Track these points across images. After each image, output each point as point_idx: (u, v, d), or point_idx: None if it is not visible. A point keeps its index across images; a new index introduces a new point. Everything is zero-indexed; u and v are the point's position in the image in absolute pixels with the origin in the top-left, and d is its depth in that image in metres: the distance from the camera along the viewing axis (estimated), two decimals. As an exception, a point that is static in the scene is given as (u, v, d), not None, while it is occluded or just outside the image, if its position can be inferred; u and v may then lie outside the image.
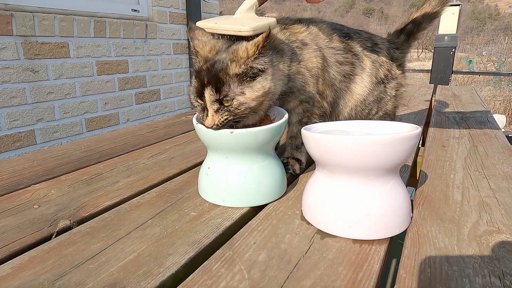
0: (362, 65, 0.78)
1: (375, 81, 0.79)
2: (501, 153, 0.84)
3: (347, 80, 0.77)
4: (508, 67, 9.11)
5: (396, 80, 0.84)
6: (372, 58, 0.80)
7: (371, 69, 0.79)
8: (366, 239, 0.48)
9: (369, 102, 0.80)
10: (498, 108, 5.77)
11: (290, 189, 0.65)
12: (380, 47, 0.82)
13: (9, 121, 1.68)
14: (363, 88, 0.78)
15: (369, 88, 0.78)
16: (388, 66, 0.82)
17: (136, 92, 2.36)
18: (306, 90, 0.69)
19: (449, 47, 3.16)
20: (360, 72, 0.78)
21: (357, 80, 0.78)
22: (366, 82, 0.78)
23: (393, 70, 0.83)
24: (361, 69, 0.78)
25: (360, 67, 0.78)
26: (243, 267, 0.43)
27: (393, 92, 0.84)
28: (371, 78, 0.79)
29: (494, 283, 0.39)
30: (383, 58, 0.82)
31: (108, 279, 0.41)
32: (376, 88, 0.80)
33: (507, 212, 0.55)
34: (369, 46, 0.80)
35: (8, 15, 1.62)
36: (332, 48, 0.74)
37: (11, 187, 0.68)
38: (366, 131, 0.58)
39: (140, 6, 2.39)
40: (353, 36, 0.79)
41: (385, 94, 0.82)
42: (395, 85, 0.84)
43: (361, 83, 0.78)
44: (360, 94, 0.78)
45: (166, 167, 0.78)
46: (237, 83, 0.56)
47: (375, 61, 0.80)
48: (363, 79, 0.78)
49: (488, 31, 22.24)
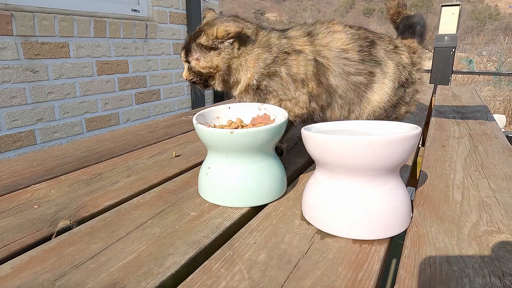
0: (385, 69, 0.77)
1: (397, 85, 0.78)
2: (501, 153, 0.84)
3: (360, 89, 0.77)
4: (508, 67, 9.10)
5: (414, 85, 0.83)
6: (396, 61, 0.79)
7: (395, 73, 0.78)
8: (366, 239, 0.48)
9: (387, 108, 0.79)
10: (498, 108, 5.77)
11: (290, 189, 0.65)
12: (401, 50, 0.81)
13: (9, 121, 1.68)
14: (382, 95, 0.77)
15: (390, 95, 0.78)
16: (410, 69, 0.81)
17: (136, 92, 2.36)
18: (285, 92, 0.73)
19: (449, 47, 3.16)
20: (381, 79, 0.77)
21: (376, 88, 0.77)
22: (387, 88, 0.77)
23: (413, 73, 0.82)
24: (383, 75, 0.77)
25: (382, 72, 0.77)
26: (243, 267, 0.43)
27: (408, 98, 0.83)
28: (394, 83, 0.78)
29: (494, 283, 0.39)
30: (406, 59, 0.80)
31: (108, 279, 0.41)
32: (397, 93, 0.79)
33: (507, 212, 0.55)
34: (391, 48, 0.80)
35: (8, 15, 1.62)
36: (345, 59, 0.75)
37: (11, 187, 0.68)
38: (366, 131, 0.58)
39: (140, 6, 2.39)
40: (377, 42, 0.79)
41: (403, 99, 0.81)
42: (412, 91, 0.83)
43: (381, 90, 0.77)
44: (378, 101, 0.78)
45: (166, 167, 0.78)
46: (198, 51, 0.72)
47: (398, 64, 0.79)
48: (384, 85, 0.77)
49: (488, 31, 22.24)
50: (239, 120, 0.68)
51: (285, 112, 0.63)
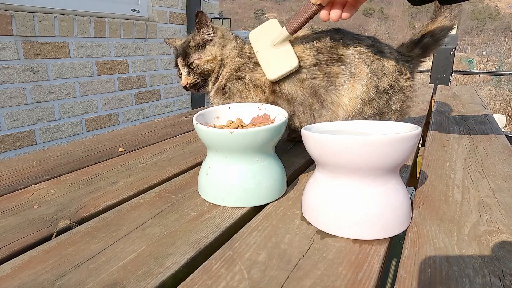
0: (355, 72, 0.75)
1: (375, 91, 0.75)
2: (501, 153, 0.84)
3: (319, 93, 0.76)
4: (508, 67, 9.11)
5: (403, 92, 0.80)
6: (373, 67, 0.75)
7: (370, 78, 0.75)
8: (366, 239, 0.48)
9: (368, 114, 0.77)
10: (498, 108, 5.77)
11: (290, 189, 0.65)
12: (386, 56, 0.78)
13: (9, 121, 1.68)
14: (353, 99, 0.75)
15: (363, 99, 0.75)
16: (395, 76, 0.78)
17: (136, 92, 2.36)
18: (247, 96, 0.79)
19: (449, 47, 3.16)
20: (349, 81, 0.75)
21: (344, 90, 0.75)
22: (359, 92, 0.75)
23: (400, 81, 0.79)
24: (351, 77, 0.75)
25: (349, 74, 0.75)
26: (243, 267, 0.43)
27: (399, 106, 0.80)
28: (368, 87, 0.75)
29: (494, 283, 0.39)
30: (390, 67, 0.77)
31: (108, 279, 0.41)
32: (377, 100, 0.76)
33: (507, 212, 0.55)
34: (371, 51, 0.77)
35: (8, 15, 1.62)
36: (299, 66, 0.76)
37: (11, 187, 0.68)
38: (366, 131, 0.58)
39: (140, 6, 2.39)
40: (346, 41, 0.76)
41: (389, 107, 0.79)
42: (401, 98, 0.80)
43: (350, 94, 0.75)
44: (351, 104, 0.75)
45: (166, 167, 0.78)
46: (196, 52, 0.80)
47: (377, 70, 0.76)
48: (354, 88, 0.75)
49: (488, 31, 22.23)
50: (239, 120, 0.68)
51: (285, 112, 0.63)
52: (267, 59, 0.76)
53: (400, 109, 0.81)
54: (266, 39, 0.76)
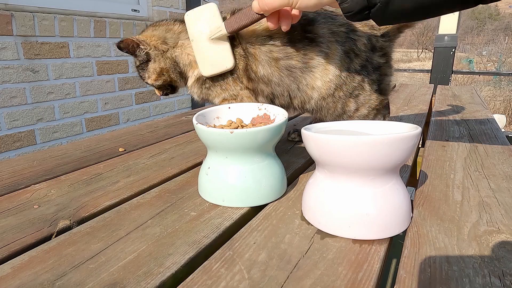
0: (328, 52, 0.73)
1: (346, 74, 0.74)
2: (501, 153, 0.84)
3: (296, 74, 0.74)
4: (508, 67, 9.11)
5: (379, 71, 0.77)
6: (347, 46, 0.73)
7: (342, 60, 0.73)
8: (366, 239, 0.48)
9: (340, 96, 0.75)
10: (498, 108, 5.77)
11: (290, 189, 0.65)
12: (358, 34, 0.75)
13: (9, 121, 1.68)
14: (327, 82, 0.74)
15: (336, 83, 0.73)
16: (368, 55, 0.75)
17: (136, 92, 2.36)
18: (226, 88, 0.77)
19: (449, 47, 3.16)
20: (323, 63, 0.73)
21: (317, 73, 0.74)
22: (331, 76, 0.73)
23: (374, 59, 0.76)
24: (325, 59, 0.73)
25: (323, 55, 0.73)
26: (243, 267, 0.43)
27: (375, 86, 0.77)
28: (340, 71, 0.73)
29: (494, 283, 0.39)
30: (361, 47, 0.74)
31: (108, 279, 0.41)
32: (348, 83, 0.74)
33: (507, 212, 0.55)
34: (343, 31, 0.74)
35: (8, 15, 1.62)
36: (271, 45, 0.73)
37: (11, 187, 0.68)
38: (366, 131, 0.58)
39: (140, 6, 2.39)
40: (319, 20, 0.74)
41: (363, 90, 0.76)
42: (377, 77, 0.77)
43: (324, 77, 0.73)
44: (325, 88, 0.74)
45: (166, 167, 0.78)
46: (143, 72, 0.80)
47: (349, 51, 0.73)
48: (328, 71, 0.73)
49: (488, 31, 22.23)
50: (239, 120, 0.68)
51: (285, 112, 0.63)
52: (203, 53, 0.73)
53: (378, 89, 0.78)
54: (203, 27, 0.72)
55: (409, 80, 10.02)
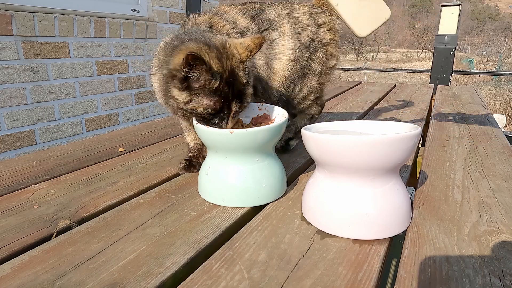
0: (280, 29, 0.76)
1: (298, 46, 0.77)
2: (501, 153, 0.84)
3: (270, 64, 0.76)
4: (508, 67, 9.11)
5: (326, 48, 0.80)
6: (292, 22, 0.77)
7: (292, 32, 0.76)
8: (366, 239, 0.48)
9: (294, 77, 0.78)
10: (498, 108, 5.77)
11: (290, 189, 0.65)
12: (298, 12, 0.80)
13: (9, 121, 1.68)
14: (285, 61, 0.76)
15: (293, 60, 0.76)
16: (314, 29, 0.79)
17: (136, 92, 2.36)
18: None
19: (449, 47, 3.16)
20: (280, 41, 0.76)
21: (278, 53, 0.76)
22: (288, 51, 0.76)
23: (320, 35, 0.79)
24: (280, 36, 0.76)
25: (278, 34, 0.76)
26: (243, 267, 0.43)
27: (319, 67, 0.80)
28: (294, 43, 0.76)
29: (494, 283, 0.39)
30: (305, 21, 0.79)
31: (108, 279, 0.41)
32: (300, 57, 0.77)
33: (507, 212, 0.55)
34: (286, 12, 0.79)
35: (8, 15, 1.62)
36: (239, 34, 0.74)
37: (11, 187, 0.68)
38: (366, 131, 0.58)
39: (140, 6, 2.39)
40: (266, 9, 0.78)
41: (309, 68, 0.79)
42: (323, 56, 0.80)
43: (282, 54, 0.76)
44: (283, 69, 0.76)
45: (166, 167, 0.78)
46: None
47: (295, 25, 0.77)
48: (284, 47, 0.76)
49: (488, 31, 22.22)
50: (239, 120, 0.68)
51: (285, 112, 0.63)
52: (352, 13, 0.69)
53: (320, 72, 0.81)
54: None
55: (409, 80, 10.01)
